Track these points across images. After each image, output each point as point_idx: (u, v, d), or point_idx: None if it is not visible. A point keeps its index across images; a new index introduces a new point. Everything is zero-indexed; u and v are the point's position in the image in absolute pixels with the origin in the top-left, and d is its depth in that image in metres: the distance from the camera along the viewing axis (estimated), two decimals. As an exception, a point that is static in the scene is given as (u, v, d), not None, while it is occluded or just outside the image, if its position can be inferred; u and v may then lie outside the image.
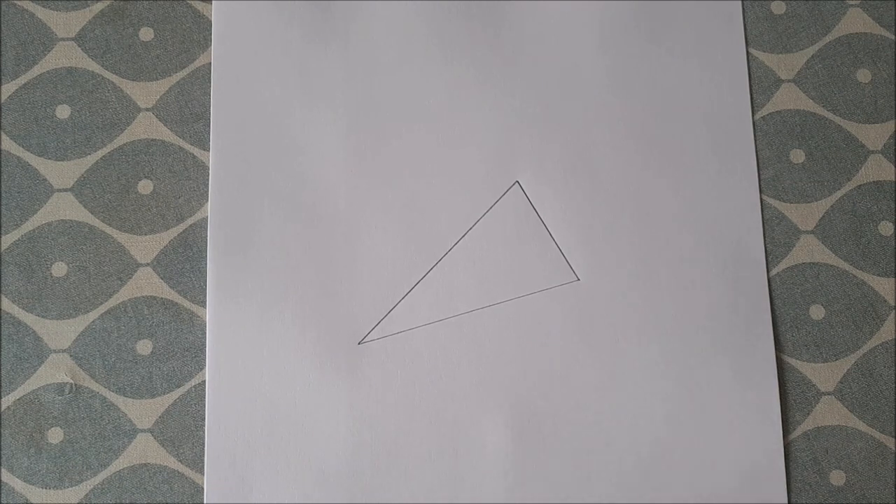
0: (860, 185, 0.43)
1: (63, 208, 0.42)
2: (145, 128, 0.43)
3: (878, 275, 0.42)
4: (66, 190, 0.42)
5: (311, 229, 0.42)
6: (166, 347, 0.41)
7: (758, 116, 0.44)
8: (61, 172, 0.42)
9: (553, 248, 0.42)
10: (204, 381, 0.40)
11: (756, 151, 0.43)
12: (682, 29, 0.44)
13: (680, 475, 0.40)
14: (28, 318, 0.41)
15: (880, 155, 0.43)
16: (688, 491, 0.39)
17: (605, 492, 0.39)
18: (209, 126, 0.43)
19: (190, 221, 0.42)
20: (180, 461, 0.40)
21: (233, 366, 0.40)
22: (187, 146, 0.43)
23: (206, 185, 0.42)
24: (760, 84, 0.44)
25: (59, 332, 0.41)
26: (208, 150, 0.42)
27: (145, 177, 0.42)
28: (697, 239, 0.42)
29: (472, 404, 0.40)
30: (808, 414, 0.41)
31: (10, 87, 0.43)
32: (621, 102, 0.43)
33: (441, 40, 0.44)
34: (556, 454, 0.40)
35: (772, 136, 0.43)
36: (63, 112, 0.43)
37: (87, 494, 0.39)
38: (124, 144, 0.43)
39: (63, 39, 0.43)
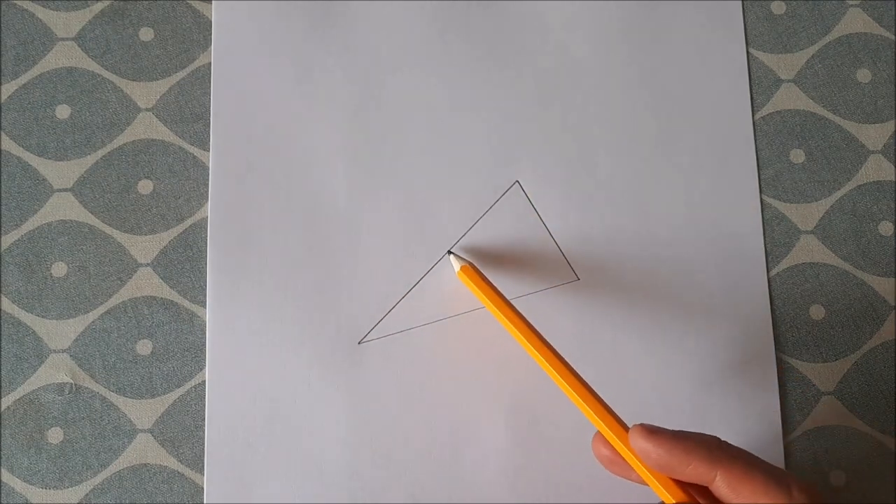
0: (860, 185, 0.43)
1: (63, 208, 0.42)
2: (145, 128, 0.43)
3: (878, 275, 0.42)
4: (66, 190, 0.42)
5: (311, 229, 0.42)
6: (166, 347, 0.41)
7: (758, 116, 0.44)
8: (61, 172, 0.42)
9: (553, 248, 0.42)
10: (204, 381, 0.40)
11: (756, 151, 0.43)
12: (682, 29, 0.44)
13: (680, 475, 0.40)
14: (28, 318, 0.41)
15: (880, 155, 0.43)
16: (688, 491, 0.39)
17: (605, 492, 0.39)
18: (209, 126, 0.43)
19: (190, 221, 0.42)
20: (180, 461, 0.40)
21: (233, 366, 0.40)
22: (187, 146, 0.43)
23: (206, 185, 0.42)
24: (760, 84, 0.44)
25: (59, 332, 0.41)
26: (208, 150, 0.42)
27: (145, 177, 0.42)
28: (697, 239, 0.42)
29: (472, 404, 0.40)
30: (808, 414, 0.41)
31: (10, 87, 0.43)
32: (621, 102, 0.43)
33: (441, 40, 0.44)
34: (555, 454, 0.40)
35: (772, 136, 0.43)
36: (63, 112, 0.43)
37: (87, 494, 0.39)
38: (124, 144, 0.43)
39: (63, 39, 0.43)
